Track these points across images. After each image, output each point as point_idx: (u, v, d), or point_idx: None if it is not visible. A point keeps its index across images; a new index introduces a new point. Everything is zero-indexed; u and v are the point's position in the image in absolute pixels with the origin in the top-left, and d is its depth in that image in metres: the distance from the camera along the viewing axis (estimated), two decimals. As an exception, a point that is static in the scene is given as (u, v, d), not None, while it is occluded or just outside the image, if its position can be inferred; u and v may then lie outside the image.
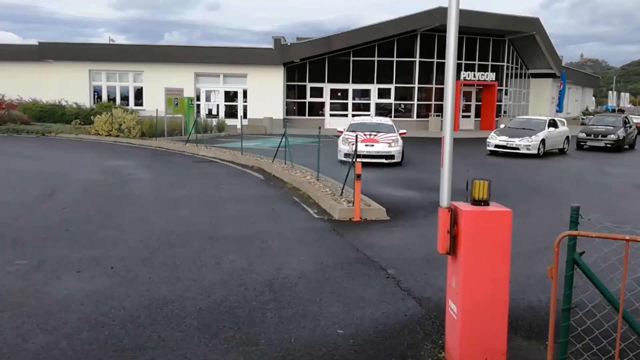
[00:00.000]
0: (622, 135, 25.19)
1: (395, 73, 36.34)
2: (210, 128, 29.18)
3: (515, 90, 42.88)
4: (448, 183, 4.20)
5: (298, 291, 5.98)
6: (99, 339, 4.70)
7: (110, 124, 25.53)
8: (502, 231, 4.15)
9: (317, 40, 35.42)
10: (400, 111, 37.19)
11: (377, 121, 20.21)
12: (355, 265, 6.93)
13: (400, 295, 5.93)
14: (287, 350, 4.57)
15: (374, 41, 35.12)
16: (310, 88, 36.38)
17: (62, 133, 26.57)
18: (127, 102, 35.25)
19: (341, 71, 36.07)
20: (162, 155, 19.70)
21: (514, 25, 36.92)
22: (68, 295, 5.76)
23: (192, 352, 4.50)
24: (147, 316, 5.23)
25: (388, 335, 4.91)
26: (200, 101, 34.97)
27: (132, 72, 35.43)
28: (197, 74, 34.99)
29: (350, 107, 36.75)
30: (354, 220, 9.51)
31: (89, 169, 15.34)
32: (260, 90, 34.68)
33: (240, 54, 34.99)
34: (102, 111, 27.54)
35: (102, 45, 37.56)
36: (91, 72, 35.31)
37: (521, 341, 4.88)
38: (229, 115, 34.83)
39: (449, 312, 4.42)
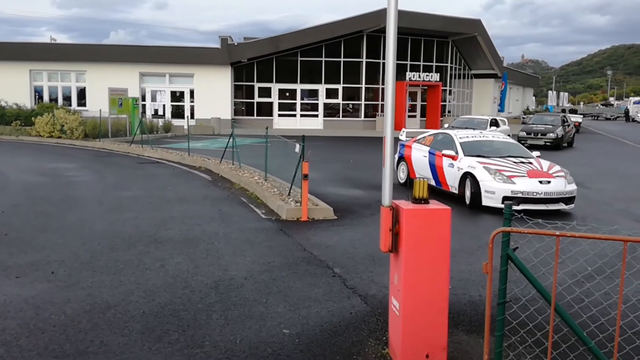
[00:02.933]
0: (560, 133, 26.13)
1: (342, 73, 36.60)
2: (157, 129, 28.71)
3: (458, 90, 43.82)
4: (390, 182, 4.28)
5: (244, 292, 5.97)
6: (39, 345, 4.58)
7: (52, 125, 24.83)
8: (441, 229, 4.25)
9: (265, 40, 35.33)
10: (349, 111, 37.48)
11: (503, 139, 13.00)
12: (302, 265, 6.96)
13: (346, 294, 5.99)
14: (232, 351, 4.56)
15: (321, 41, 35.28)
16: (259, 88, 36.23)
17: (1, 135, 25.72)
18: (70, 102, 34.31)
19: (289, 71, 36.07)
20: (106, 157, 19.28)
21: (456, 26, 37.74)
22: (6, 302, 5.58)
23: (135, 356, 4.44)
24: (88, 321, 5.12)
25: (333, 333, 4.96)
26: (145, 101, 34.37)
27: (75, 72, 34.51)
28: (142, 74, 34.36)
29: (299, 107, 36.80)
30: (301, 220, 9.54)
31: (30, 172, 14.88)
32: (207, 90, 34.33)
33: (187, 54, 34.58)
34: (43, 112, 26.70)
35: (44, 45, 36.41)
36: (32, 72, 34.23)
37: (462, 335, 5.00)
38: (176, 116, 34.34)
39: (391, 308, 4.50)
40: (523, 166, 11.11)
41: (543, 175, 10.80)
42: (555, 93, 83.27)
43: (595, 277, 5.76)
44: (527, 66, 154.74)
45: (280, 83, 36.27)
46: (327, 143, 25.17)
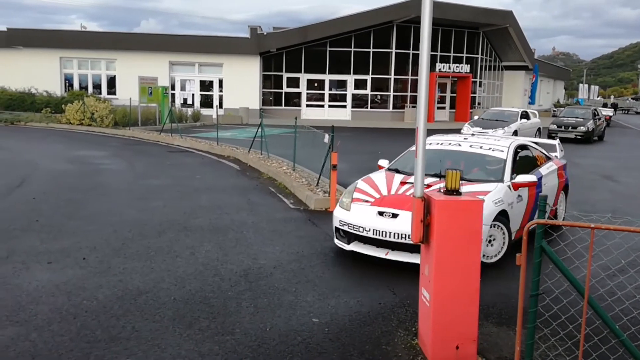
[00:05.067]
0: (591, 127, 25.72)
1: (371, 64, 36.38)
2: (185, 118, 28.93)
3: (489, 82, 43.27)
4: (421, 173, 4.24)
5: (273, 281, 5.99)
6: (71, 331, 4.66)
7: (82, 112, 25.16)
8: (473, 220, 4.21)
9: (294, 30, 35.27)
10: (377, 102, 37.28)
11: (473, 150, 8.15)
12: (330, 255, 6.96)
13: (375, 284, 5.97)
14: (263, 339, 4.58)
15: (350, 32, 35.09)
16: (287, 78, 36.23)
17: (32, 122, 26.13)
18: (100, 90, 34.69)
19: (318, 61, 35.99)
20: (136, 145, 19.49)
21: (488, 17, 37.21)
22: (38, 287, 5.68)
23: (167, 342, 4.49)
24: (120, 307, 5.19)
25: (362, 323, 4.95)
26: (175, 90, 34.61)
27: (105, 60, 34.89)
28: (172, 63, 34.60)
29: (327, 97, 36.73)
30: (330, 210, 9.52)
31: (60, 159, 15.12)
32: (236, 79, 34.43)
33: (216, 43, 34.68)
34: (73, 100, 27.03)
35: (74, 32, 36.82)
36: (62, 59, 34.68)
37: (492, 327, 4.96)
38: (205, 105, 34.55)
39: (421, 299, 4.47)
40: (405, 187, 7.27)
41: (394, 203, 6.83)
42: (586, 86, 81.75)
43: (628, 270, 5.66)
44: (557, 59, 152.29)
45: (308, 73, 36.21)
46: (355, 134, 25.10)
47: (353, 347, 4.50)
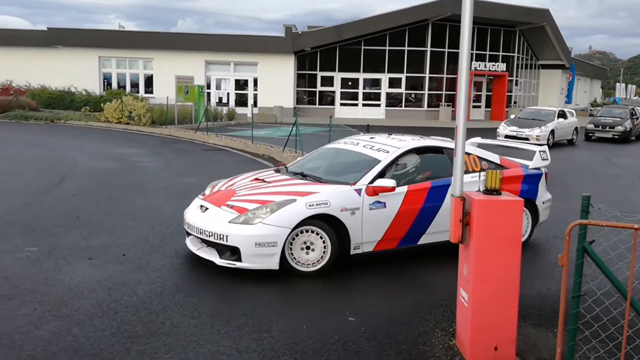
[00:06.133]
0: (629, 126, 25.26)
1: (406, 62, 36.17)
2: (221, 116, 29.20)
3: (525, 81, 42.61)
4: (461, 172, 4.20)
5: (308, 280, 6.00)
6: (112, 326, 4.74)
7: (121, 111, 25.59)
8: (513, 220, 4.16)
9: (328, 29, 35.29)
10: (411, 101, 37.06)
11: (351, 150, 7.69)
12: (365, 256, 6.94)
13: (412, 283, 5.95)
14: (299, 337, 4.59)
15: (385, 30, 34.94)
16: (321, 77, 36.29)
17: (71, 120, 26.68)
18: (137, 89, 35.29)
19: (352, 60, 35.94)
20: (172, 144, 19.75)
21: (524, 16, 36.64)
22: (80, 282, 5.81)
23: (205, 339, 4.53)
24: (159, 303, 5.27)
25: (399, 322, 4.93)
26: (210, 89, 34.98)
27: (143, 60, 35.46)
28: (207, 62, 34.97)
29: (361, 96, 36.65)
30: (364, 209, 9.49)
31: (99, 157, 15.42)
32: (270, 78, 34.62)
33: (251, 42, 34.92)
34: (112, 98, 27.54)
35: (112, 32, 37.54)
36: (101, 58, 35.36)
37: (530, 328, 4.90)
38: (239, 104, 34.85)
39: (460, 300, 4.43)
40: (254, 184, 7.01)
41: (215, 197, 6.84)
42: (623, 85, 79.82)
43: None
44: (594, 57, 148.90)
45: (342, 72, 36.20)
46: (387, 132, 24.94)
47: (390, 346, 4.48)
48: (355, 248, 6.42)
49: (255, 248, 5.96)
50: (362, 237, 6.40)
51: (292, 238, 6.11)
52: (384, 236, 6.54)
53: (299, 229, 6.08)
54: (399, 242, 6.69)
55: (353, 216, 6.27)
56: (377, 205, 6.42)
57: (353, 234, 6.31)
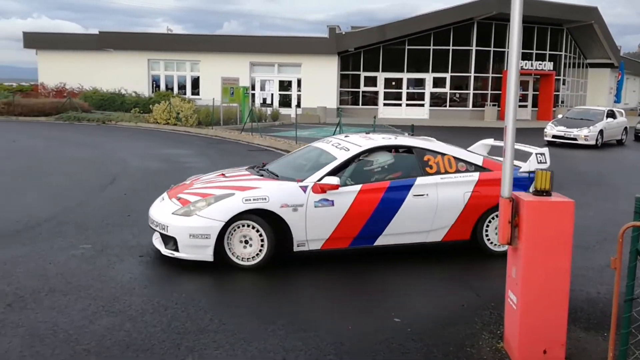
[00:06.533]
0: None
1: (450, 62, 35.81)
2: (265, 117, 29.47)
3: (572, 80, 41.65)
4: (510, 173, 4.15)
5: (353, 280, 6.02)
6: (162, 322, 4.85)
7: (168, 112, 26.09)
8: (564, 222, 4.09)
9: (372, 29, 35.23)
10: (455, 101, 36.67)
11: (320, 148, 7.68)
12: (409, 256, 6.91)
13: (457, 285, 5.90)
14: (345, 336, 4.61)
15: (429, 30, 34.69)
16: (364, 77, 36.26)
17: (121, 121, 27.33)
18: (185, 91, 35.95)
19: (396, 60, 35.79)
20: (218, 144, 20.03)
21: (572, 14, 35.83)
22: (131, 279, 5.97)
23: (252, 337, 4.60)
24: (207, 300, 5.37)
25: (445, 324, 4.90)
26: (255, 90, 35.35)
27: (190, 62, 36.09)
28: (252, 64, 35.35)
29: (405, 96, 36.45)
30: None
31: (148, 157, 15.76)
32: (314, 79, 34.77)
33: (295, 43, 35.15)
34: (160, 100, 28.11)
35: (161, 35, 38.33)
36: (150, 61, 36.14)
37: (580, 332, 4.80)
38: (283, 105, 35.11)
39: (508, 302, 4.38)
40: (214, 178, 7.32)
41: (177, 190, 7.13)
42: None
43: None
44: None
45: (386, 72, 36.07)
46: (433, 133, 24.61)
47: (436, 348, 4.46)
48: (299, 245, 6.39)
49: (189, 239, 6.16)
50: (306, 235, 6.35)
51: (231, 232, 6.21)
52: (332, 235, 6.43)
53: (237, 222, 6.18)
54: (351, 242, 6.56)
55: (295, 213, 6.26)
56: (324, 203, 6.34)
57: (295, 230, 6.29)
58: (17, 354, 4.17)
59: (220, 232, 6.14)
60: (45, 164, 14.00)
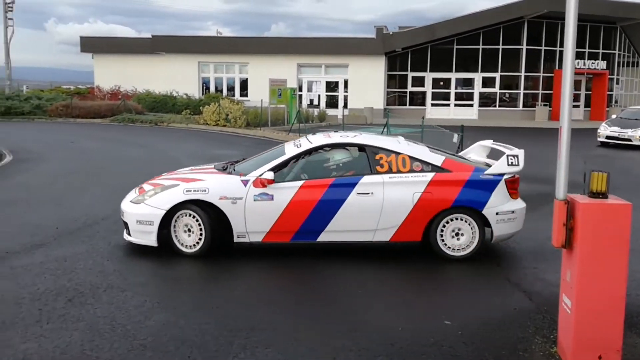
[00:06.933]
0: None
1: (500, 61, 35.23)
2: (312, 118, 29.61)
3: (626, 79, 40.35)
4: (565, 175, 4.08)
5: (403, 283, 6.02)
6: (215, 319, 4.94)
7: (218, 114, 26.51)
8: (620, 225, 4.00)
9: (420, 29, 34.96)
10: (505, 100, 36.05)
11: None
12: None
13: (509, 289, 5.82)
14: (395, 338, 4.62)
15: (478, 29, 34.22)
16: (412, 77, 36.02)
17: (173, 123, 27.90)
18: (233, 92, 36.44)
19: (444, 60, 35.44)
20: (266, 145, 20.20)
21: (626, 12, 34.71)
22: (184, 277, 6.14)
23: (303, 335, 4.65)
24: (258, 299, 5.45)
25: (497, 328, 4.85)
26: (302, 91, 35.55)
27: (238, 64, 36.56)
28: (299, 65, 35.56)
29: (453, 96, 36.04)
30: (458, 211, 9.37)
31: (199, 157, 16.04)
32: (361, 80, 34.74)
33: (342, 44, 35.19)
34: (210, 102, 28.61)
35: (211, 38, 39.00)
36: (200, 64, 36.78)
37: (636, 338, 4.69)
38: (330, 105, 35.20)
39: (562, 306, 4.31)
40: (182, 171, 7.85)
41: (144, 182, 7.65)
42: None
43: None
44: None
45: (434, 72, 35.76)
46: (482, 133, 24.34)
47: (488, 351, 4.42)
48: (240, 236, 6.65)
49: (137, 225, 6.77)
50: (246, 227, 6.59)
51: (176, 220, 6.67)
52: (272, 228, 6.59)
53: (181, 212, 6.64)
54: (292, 237, 6.68)
55: (234, 205, 6.54)
56: (263, 197, 6.55)
57: (234, 222, 6.57)
58: (78, 347, 4.34)
59: (163, 220, 6.63)
60: (102, 164, 14.43)
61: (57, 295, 5.38)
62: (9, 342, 4.39)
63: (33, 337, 4.49)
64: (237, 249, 6.99)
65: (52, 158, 15.31)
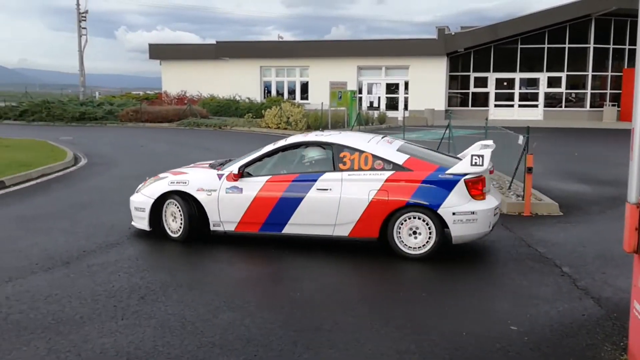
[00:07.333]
0: None
1: (566, 60, 34.23)
2: (372, 120, 29.60)
3: None
4: (637, 177, 3.97)
5: (467, 285, 5.97)
6: (279, 319, 5.04)
7: (279, 117, 26.87)
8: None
9: (482, 29, 34.39)
10: (571, 101, 34.98)
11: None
12: (527, 262, 6.74)
13: (577, 294, 5.68)
14: (459, 342, 4.59)
15: (543, 27, 33.36)
16: (474, 78, 35.47)
17: (236, 126, 28.46)
18: (294, 96, 36.87)
19: (507, 60, 34.73)
20: (327, 147, 20.31)
21: None
22: (249, 277, 6.28)
23: (365, 337, 4.69)
24: (321, 301, 5.53)
25: (564, 334, 4.75)
26: (362, 94, 35.57)
27: (299, 68, 36.95)
28: (359, 67, 35.60)
29: (517, 97, 35.25)
30: (523, 214, 9.22)
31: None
32: (421, 81, 34.46)
33: (403, 46, 35.00)
34: (271, 105, 29.02)
35: (272, 43, 39.55)
36: (262, 68, 37.39)
37: None
38: (390, 107, 35.08)
39: (633, 313, 4.19)
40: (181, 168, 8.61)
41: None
42: None
43: None
44: None
45: (497, 72, 35.10)
46: (548, 134, 23.78)
47: (555, 358, 4.34)
48: (215, 225, 7.31)
49: (135, 211, 7.79)
50: (220, 217, 7.23)
51: (165, 208, 7.52)
52: (242, 219, 7.16)
53: (168, 200, 7.45)
54: (260, 227, 7.17)
55: (209, 197, 7.24)
56: (234, 190, 7.15)
57: (210, 212, 7.26)
58: (150, 343, 4.52)
59: (153, 207, 7.52)
60: (170, 167, 14.84)
61: (130, 293, 5.62)
62: (88, 337, 4.63)
63: (109, 332, 4.72)
64: (305, 250, 7.11)
65: (124, 161, 15.92)
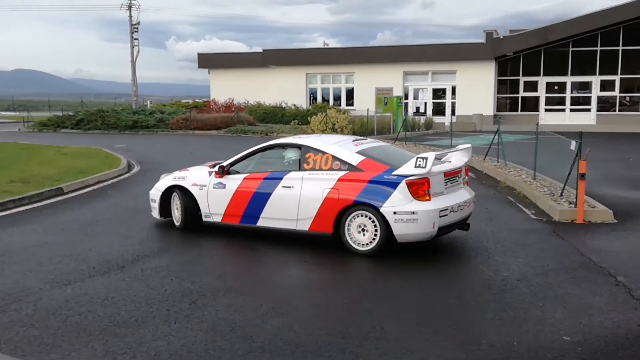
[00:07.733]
0: None
1: (620, 63, 33.27)
2: (418, 126, 29.41)
3: None
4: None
5: (518, 294, 5.87)
6: (327, 325, 5.07)
7: (325, 123, 26.96)
8: None
9: (532, 32, 33.77)
10: (626, 104, 33.96)
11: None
12: (579, 271, 6.59)
13: (633, 305, 5.52)
14: (510, 352, 4.53)
15: (596, 30, 32.54)
16: (524, 82, 34.84)
17: (282, 133, 28.67)
18: (339, 102, 36.96)
19: (558, 63, 34.00)
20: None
21: None
22: (296, 284, 6.34)
23: (414, 346, 4.66)
24: (367, 308, 5.53)
25: (620, 345, 4.63)
26: (408, 99, 35.38)
27: (344, 74, 37.04)
28: (405, 73, 35.44)
29: (568, 101, 34.45)
30: (576, 222, 9.01)
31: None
32: (469, 86, 34.06)
33: (450, 51, 34.68)
34: (317, 112, 29.17)
35: (318, 50, 39.76)
36: (308, 75, 37.65)
37: None
38: (437, 113, 34.79)
39: (693, 326, 4.06)
40: None
41: None
42: None
43: None
44: None
45: (547, 76, 34.39)
46: (601, 140, 23.16)
47: (610, 370, 4.24)
48: (206, 217, 8.28)
49: (151, 203, 9.02)
50: (209, 209, 8.19)
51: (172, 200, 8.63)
52: (225, 212, 8.06)
53: (173, 193, 8.60)
54: (240, 220, 7.99)
55: (201, 191, 8.24)
56: (219, 185, 8.09)
57: (201, 205, 8.27)
58: (202, 347, 4.62)
59: (162, 199, 8.70)
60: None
61: (182, 297, 5.75)
62: (142, 340, 4.76)
63: (162, 335, 4.84)
64: (352, 258, 7.13)
65: (175, 167, 16.05)
